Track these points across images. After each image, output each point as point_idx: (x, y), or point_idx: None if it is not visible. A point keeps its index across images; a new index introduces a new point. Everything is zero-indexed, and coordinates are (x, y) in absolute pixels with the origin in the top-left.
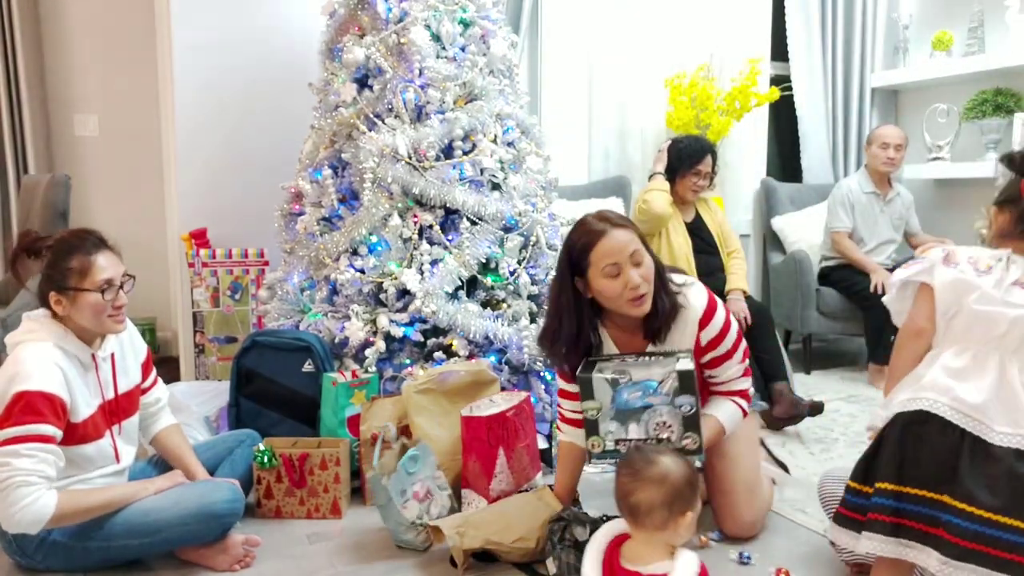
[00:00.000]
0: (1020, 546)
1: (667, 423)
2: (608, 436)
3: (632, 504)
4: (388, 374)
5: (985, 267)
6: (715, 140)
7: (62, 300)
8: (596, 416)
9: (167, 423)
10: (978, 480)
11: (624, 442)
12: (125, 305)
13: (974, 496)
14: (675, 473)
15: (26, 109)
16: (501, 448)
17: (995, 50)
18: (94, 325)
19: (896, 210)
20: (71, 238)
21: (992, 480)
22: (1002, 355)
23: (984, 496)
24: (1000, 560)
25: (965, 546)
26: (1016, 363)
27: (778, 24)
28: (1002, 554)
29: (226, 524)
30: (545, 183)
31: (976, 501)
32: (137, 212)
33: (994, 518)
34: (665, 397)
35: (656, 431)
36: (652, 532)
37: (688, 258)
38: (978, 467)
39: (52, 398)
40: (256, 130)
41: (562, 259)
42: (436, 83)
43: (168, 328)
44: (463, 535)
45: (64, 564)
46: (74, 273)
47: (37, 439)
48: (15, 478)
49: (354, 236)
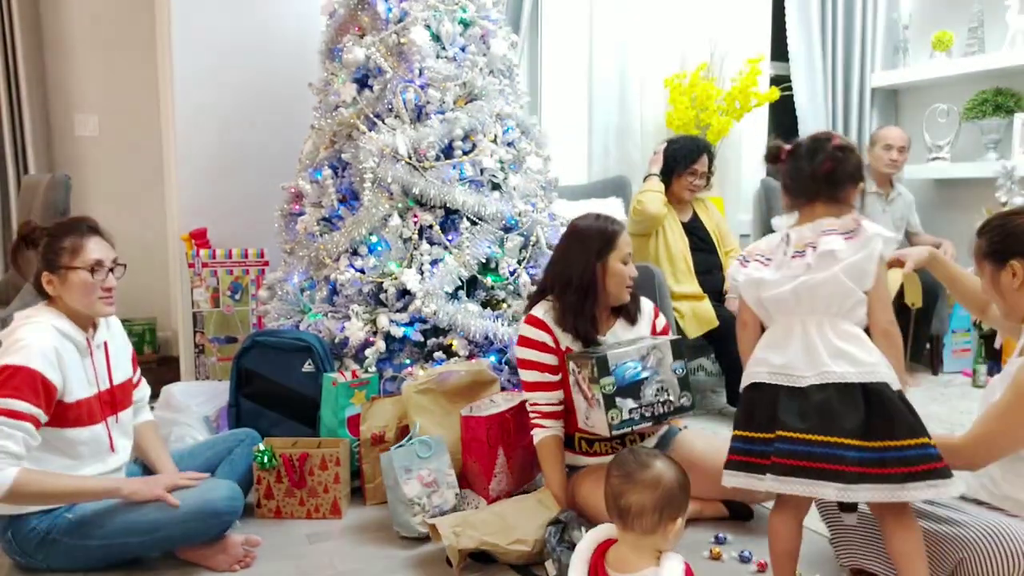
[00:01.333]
0: (829, 456)
1: (665, 387)
2: (623, 406)
3: (623, 506)
4: (388, 374)
5: (768, 256)
6: (715, 140)
7: (53, 280)
8: (612, 391)
9: (143, 419)
10: (792, 414)
11: (637, 409)
12: (114, 288)
13: (789, 425)
14: (668, 477)
15: (26, 109)
16: (501, 448)
17: (995, 50)
18: (84, 306)
19: (898, 210)
20: (66, 222)
21: (803, 411)
22: (802, 319)
23: (797, 423)
24: (816, 470)
25: (790, 464)
26: (814, 322)
27: (778, 24)
28: (816, 464)
29: (226, 522)
30: (545, 183)
31: (792, 427)
32: (137, 212)
33: (807, 437)
34: (655, 366)
35: (657, 395)
36: (640, 536)
37: (685, 257)
38: (793, 406)
39: (37, 376)
40: (256, 130)
41: (588, 242)
42: (436, 83)
43: (168, 328)
44: (459, 535)
45: (64, 563)
46: (65, 252)
47: (9, 414)
48: None
49: (354, 236)
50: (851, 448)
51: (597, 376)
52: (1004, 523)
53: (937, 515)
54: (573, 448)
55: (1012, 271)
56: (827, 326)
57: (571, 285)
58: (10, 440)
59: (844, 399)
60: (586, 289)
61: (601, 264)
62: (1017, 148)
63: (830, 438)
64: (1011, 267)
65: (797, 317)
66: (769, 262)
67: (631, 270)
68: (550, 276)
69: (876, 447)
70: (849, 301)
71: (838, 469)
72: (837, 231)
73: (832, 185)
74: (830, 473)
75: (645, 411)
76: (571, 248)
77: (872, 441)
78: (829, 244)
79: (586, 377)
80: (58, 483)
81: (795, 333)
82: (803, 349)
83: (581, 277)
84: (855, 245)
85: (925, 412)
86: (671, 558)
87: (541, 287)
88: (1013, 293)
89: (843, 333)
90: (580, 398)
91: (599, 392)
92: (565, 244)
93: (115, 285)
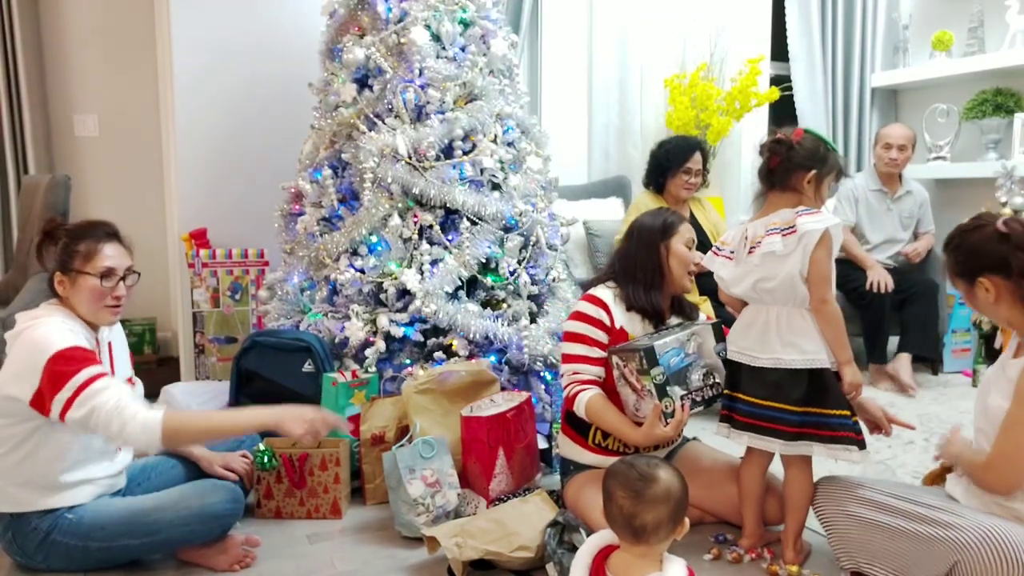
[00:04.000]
0: (776, 419)
1: (711, 371)
2: (674, 394)
3: (638, 526)
4: (388, 374)
5: (732, 250)
6: (715, 140)
7: (64, 281)
8: (663, 380)
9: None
10: (752, 384)
11: (687, 395)
12: (123, 298)
13: (748, 391)
14: (675, 486)
15: (26, 109)
16: (501, 448)
17: (995, 50)
18: (89, 312)
19: (906, 207)
20: (86, 225)
21: (758, 383)
22: (765, 309)
23: (753, 390)
24: (764, 428)
25: (744, 421)
26: (774, 313)
27: (778, 24)
28: (765, 424)
29: (226, 524)
30: (545, 183)
31: (749, 393)
32: (137, 212)
33: (759, 402)
34: (697, 351)
35: (704, 379)
36: (654, 546)
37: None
38: (754, 378)
39: (84, 348)
40: (256, 130)
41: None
42: (436, 83)
43: (168, 328)
44: (462, 546)
45: (64, 564)
46: (79, 256)
47: (99, 376)
48: (109, 405)
49: (354, 236)
50: (794, 414)
51: (647, 367)
52: (999, 526)
53: (932, 518)
54: (586, 440)
55: (984, 287)
56: (783, 317)
57: (638, 265)
58: (121, 389)
59: (792, 378)
60: (653, 268)
61: (665, 245)
62: (1017, 148)
63: (778, 404)
64: (981, 284)
65: (760, 306)
66: (732, 255)
67: (695, 255)
68: (615, 263)
69: (812, 412)
70: (798, 294)
71: (783, 429)
72: (778, 228)
73: (778, 175)
74: (777, 432)
75: (696, 395)
76: (635, 237)
77: (810, 408)
78: (769, 245)
79: (634, 369)
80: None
81: (757, 321)
82: (760, 337)
83: (648, 257)
84: (791, 241)
85: (925, 412)
86: (673, 562)
87: (603, 273)
88: (992, 307)
89: (795, 326)
90: (627, 391)
91: (650, 383)
92: (629, 237)
93: (125, 294)
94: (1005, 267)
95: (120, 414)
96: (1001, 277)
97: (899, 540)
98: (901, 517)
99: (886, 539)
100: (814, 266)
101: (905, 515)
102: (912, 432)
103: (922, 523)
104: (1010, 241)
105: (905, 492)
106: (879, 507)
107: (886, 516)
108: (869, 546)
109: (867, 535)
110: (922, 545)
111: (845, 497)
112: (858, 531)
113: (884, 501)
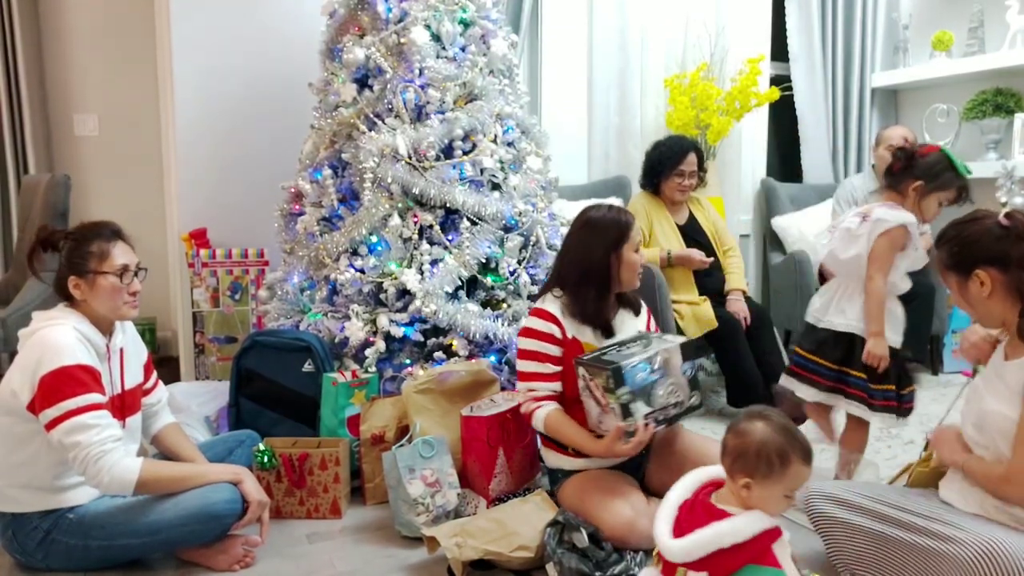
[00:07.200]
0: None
1: (675, 389)
2: (638, 413)
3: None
4: (388, 374)
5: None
6: (715, 140)
7: (81, 284)
8: (628, 399)
9: (167, 421)
10: (806, 339)
11: (651, 413)
12: (139, 292)
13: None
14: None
15: (26, 109)
16: (501, 448)
17: (995, 50)
18: (109, 310)
19: None
20: (91, 227)
21: (810, 338)
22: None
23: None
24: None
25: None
26: (844, 282)
27: (778, 24)
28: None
29: (226, 524)
30: (545, 183)
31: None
32: (137, 212)
33: (805, 354)
34: (663, 368)
35: (668, 397)
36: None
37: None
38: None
39: (90, 369)
40: (256, 130)
41: (604, 234)
42: (436, 83)
43: (168, 328)
44: (462, 546)
45: (64, 563)
46: (94, 257)
47: (93, 407)
48: (91, 450)
49: (354, 236)
50: (830, 370)
51: (613, 387)
52: (1000, 540)
53: (931, 529)
54: (565, 449)
55: (979, 280)
56: (845, 289)
57: (588, 276)
58: (110, 428)
59: (835, 340)
60: (602, 280)
61: (616, 255)
62: (1017, 148)
63: (819, 359)
64: (977, 276)
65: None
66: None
67: (641, 258)
68: (562, 268)
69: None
70: (861, 271)
71: (818, 381)
72: (861, 214)
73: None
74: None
75: (659, 415)
76: (586, 240)
77: (843, 367)
78: (847, 222)
79: (600, 385)
80: (169, 470)
81: (830, 289)
82: (826, 302)
83: (599, 268)
84: (865, 226)
85: (925, 412)
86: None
87: (551, 279)
88: (984, 302)
89: (850, 297)
90: (592, 403)
91: (615, 402)
92: (578, 236)
93: (140, 289)
94: (1003, 259)
95: (97, 462)
96: (998, 270)
97: (896, 552)
98: (899, 528)
99: (882, 550)
100: (873, 249)
101: (902, 525)
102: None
103: (920, 534)
104: (1011, 233)
105: (901, 500)
106: (876, 516)
107: (883, 526)
108: (865, 557)
109: (863, 545)
110: (920, 557)
111: (841, 505)
112: (854, 541)
113: (881, 510)
